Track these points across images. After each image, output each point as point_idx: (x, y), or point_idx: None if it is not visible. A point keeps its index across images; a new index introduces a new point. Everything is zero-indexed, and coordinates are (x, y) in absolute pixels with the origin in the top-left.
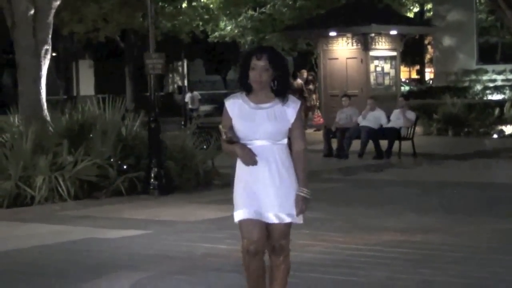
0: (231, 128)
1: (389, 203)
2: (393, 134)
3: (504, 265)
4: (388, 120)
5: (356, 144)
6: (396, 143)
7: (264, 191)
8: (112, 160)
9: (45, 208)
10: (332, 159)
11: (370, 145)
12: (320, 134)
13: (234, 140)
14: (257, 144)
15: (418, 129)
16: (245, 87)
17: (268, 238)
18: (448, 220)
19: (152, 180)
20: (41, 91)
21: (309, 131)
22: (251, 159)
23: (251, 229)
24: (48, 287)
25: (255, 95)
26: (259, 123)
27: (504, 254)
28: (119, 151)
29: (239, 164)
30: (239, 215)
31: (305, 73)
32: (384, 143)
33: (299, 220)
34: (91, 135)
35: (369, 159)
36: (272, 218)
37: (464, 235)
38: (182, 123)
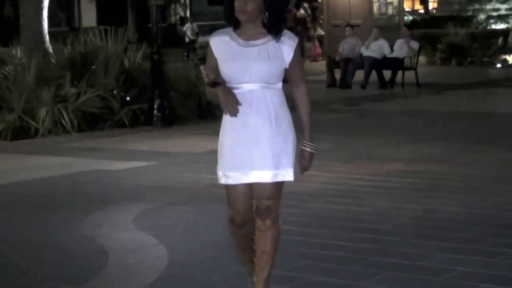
0: (216, 69)
1: (393, 133)
2: (396, 64)
3: (507, 194)
4: (391, 50)
5: (359, 75)
6: (400, 73)
7: (255, 144)
8: (115, 91)
9: (49, 140)
10: (335, 89)
11: (374, 75)
12: (319, 65)
13: (217, 81)
14: (247, 88)
15: (422, 58)
16: (231, 21)
17: (254, 198)
18: (451, 150)
19: (155, 111)
20: (43, 23)
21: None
22: (232, 107)
23: (238, 198)
24: (52, 219)
25: (244, 31)
26: (249, 62)
27: (508, 184)
28: (122, 82)
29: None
30: (226, 179)
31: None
32: (387, 73)
33: (290, 177)
34: (93, 67)
35: (372, 89)
36: (261, 176)
37: (467, 165)
38: (185, 54)
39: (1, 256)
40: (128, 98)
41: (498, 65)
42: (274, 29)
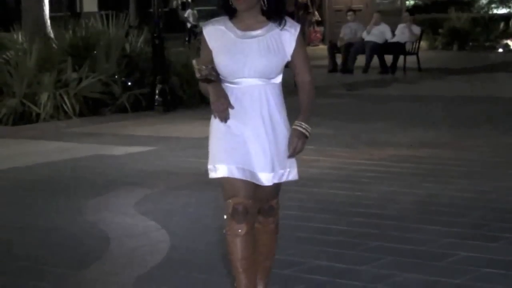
0: (210, 62)
1: (394, 118)
2: (398, 48)
3: (509, 179)
4: (393, 34)
5: (361, 59)
6: (401, 58)
7: (255, 144)
8: (116, 76)
9: (50, 125)
10: (337, 74)
11: (375, 60)
12: (319, 49)
13: (211, 78)
14: (246, 83)
15: (423, 43)
16: (227, 9)
17: (255, 199)
18: (453, 134)
19: (156, 96)
20: (45, 7)
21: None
22: (223, 112)
23: (237, 185)
24: (54, 203)
25: (241, 19)
26: (248, 56)
27: (509, 168)
28: (123, 67)
29: None
30: (222, 171)
31: None
32: (389, 58)
33: (294, 176)
34: (95, 52)
35: (373, 74)
36: (264, 180)
37: (469, 150)
38: (186, 39)
39: (2, 240)
40: (129, 83)
41: (500, 50)
42: (274, 17)
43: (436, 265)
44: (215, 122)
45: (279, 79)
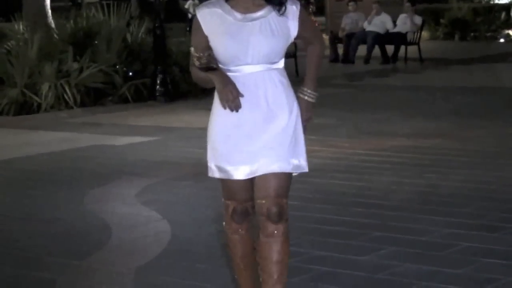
0: (207, 50)
1: (396, 108)
2: (399, 39)
3: (510, 169)
4: (394, 25)
5: (362, 50)
6: (402, 48)
7: (259, 133)
8: (117, 66)
9: (52, 115)
10: (338, 64)
11: (376, 50)
12: None
13: (213, 66)
14: (248, 71)
15: (424, 33)
16: None
17: (260, 198)
18: (455, 125)
19: (158, 86)
20: None
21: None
22: (233, 101)
23: (237, 186)
24: (55, 193)
25: (238, 2)
26: (251, 40)
27: (510, 158)
28: (125, 57)
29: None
30: (225, 174)
31: None
32: (390, 48)
33: (304, 167)
34: (96, 42)
35: (375, 64)
36: (267, 167)
37: (471, 140)
38: (187, 29)
39: (4, 231)
40: (130, 73)
41: (501, 40)
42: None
43: (437, 255)
44: (216, 115)
45: (282, 63)
